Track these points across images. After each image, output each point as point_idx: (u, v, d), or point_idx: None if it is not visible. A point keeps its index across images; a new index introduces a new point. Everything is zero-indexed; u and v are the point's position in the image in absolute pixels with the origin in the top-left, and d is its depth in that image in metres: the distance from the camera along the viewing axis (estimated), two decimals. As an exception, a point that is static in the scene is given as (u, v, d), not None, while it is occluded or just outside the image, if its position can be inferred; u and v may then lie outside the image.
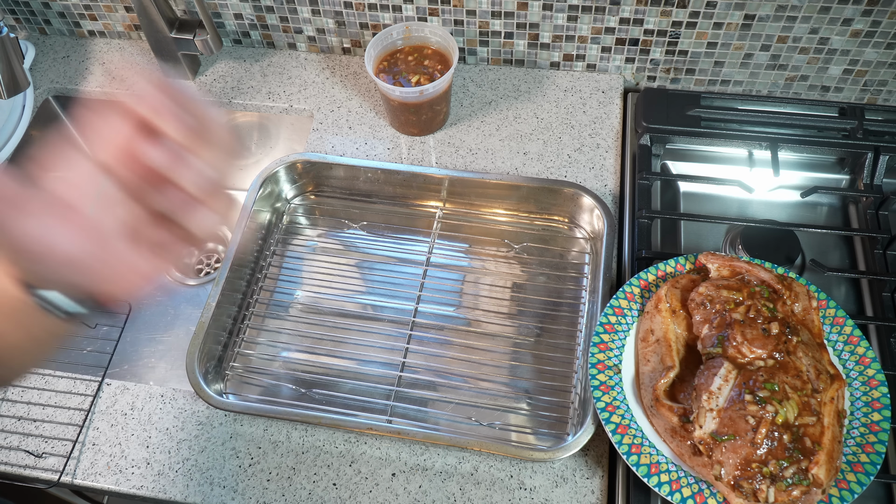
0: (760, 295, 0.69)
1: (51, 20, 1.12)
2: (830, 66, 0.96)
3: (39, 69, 1.10)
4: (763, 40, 0.94)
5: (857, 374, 0.70)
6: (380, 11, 1.00)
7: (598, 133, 0.98)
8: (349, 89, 1.05)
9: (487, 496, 0.73)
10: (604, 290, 0.81)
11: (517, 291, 0.92)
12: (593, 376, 0.71)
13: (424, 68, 0.94)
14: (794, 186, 0.91)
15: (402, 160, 0.96)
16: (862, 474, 0.64)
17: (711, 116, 0.95)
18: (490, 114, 1.00)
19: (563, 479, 0.73)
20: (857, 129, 0.92)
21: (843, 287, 0.84)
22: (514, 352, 0.87)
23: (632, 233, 0.86)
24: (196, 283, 1.09)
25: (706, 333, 0.68)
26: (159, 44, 1.02)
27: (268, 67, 1.08)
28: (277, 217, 0.98)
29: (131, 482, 0.75)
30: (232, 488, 0.74)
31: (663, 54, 0.99)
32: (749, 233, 0.83)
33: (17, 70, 0.88)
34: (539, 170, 0.94)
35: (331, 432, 0.77)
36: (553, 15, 0.96)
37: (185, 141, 0.41)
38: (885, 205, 0.87)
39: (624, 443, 0.67)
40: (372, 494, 0.73)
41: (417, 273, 0.92)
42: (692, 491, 0.64)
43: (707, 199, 0.92)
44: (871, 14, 0.88)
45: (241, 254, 0.89)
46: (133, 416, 0.80)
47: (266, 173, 0.93)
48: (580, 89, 1.02)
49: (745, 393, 0.62)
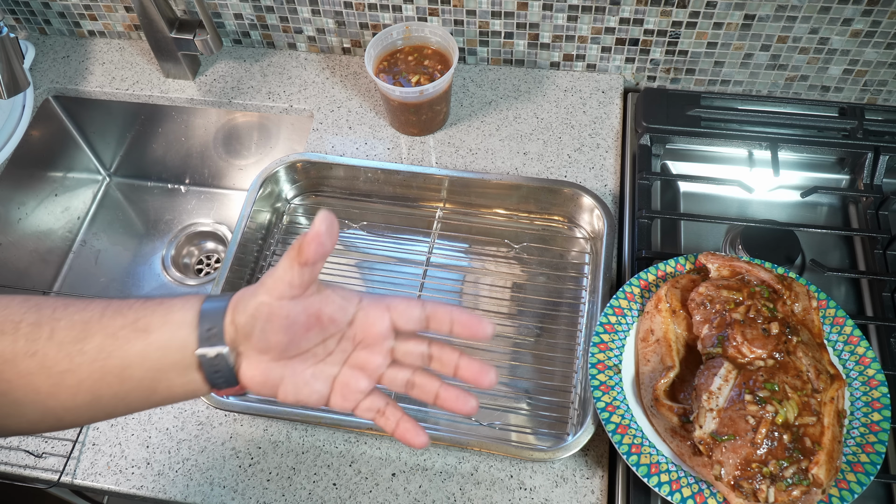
0: (760, 295, 0.69)
1: (51, 20, 1.12)
2: (830, 66, 0.96)
3: (39, 69, 1.10)
4: (763, 40, 0.94)
5: (857, 374, 0.70)
6: (380, 11, 1.00)
7: (598, 133, 0.98)
8: (349, 89, 1.05)
9: (487, 496, 0.73)
10: (604, 290, 0.81)
11: (517, 291, 0.92)
12: (593, 376, 0.71)
13: (424, 68, 0.94)
14: (794, 186, 0.91)
15: (402, 160, 0.96)
16: (862, 474, 0.64)
17: (711, 116, 0.95)
18: (490, 114, 1.00)
19: (563, 479, 0.73)
20: (857, 129, 0.92)
21: (843, 287, 0.84)
22: (514, 352, 0.87)
23: (632, 233, 0.86)
24: (196, 283, 1.09)
25: (706, 333, 0.68)
26: (159, 44, 1.02)
27: (268, 67, 1.08)
28: (277, 217, 0.98)
29: (131, 482, 0.75)
30: (232, 488, 0.74)
31: (663, 54, 0.99)
32: (749, 233, 0.83)
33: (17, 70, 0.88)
34: (539, 170, 0.94)
35: (331, 432, 0.77)
36: (553, 15, 0.96)
37: None
38: (885, 205, 0.87)
39: (624, 443, 0.67)
40: (372, 494, 0.73)
41: (417, 273, 0.92)
42: (692, 491, 0.64)
43: (707, 199, 0.92)
44: (871, 14, 0.88)
45: (241, 254, 0.89)
46: (133, 416, 0.80)
47: (266, 173, 0.93)
48: (580, 89, 1.02)
49: (745, 393, 0.62)
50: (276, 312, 0.45)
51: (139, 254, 1.12)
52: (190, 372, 0.47)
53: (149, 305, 0.47)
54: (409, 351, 0.50)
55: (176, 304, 0.47)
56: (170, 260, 1.11)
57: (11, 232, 1.06)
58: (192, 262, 1.12)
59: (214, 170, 1.15)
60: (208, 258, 1.13)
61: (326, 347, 0.48)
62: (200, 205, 1.16)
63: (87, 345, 0.45)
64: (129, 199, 1.19)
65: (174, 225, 1.15)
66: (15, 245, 1.06)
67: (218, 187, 1.17)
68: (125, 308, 0.47)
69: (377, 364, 0.49)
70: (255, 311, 0.46)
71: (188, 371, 0.47)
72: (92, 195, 1.18)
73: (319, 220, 0.43)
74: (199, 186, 1.17)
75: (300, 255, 0.44)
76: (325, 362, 0.48)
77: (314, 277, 0.46)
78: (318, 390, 0.48)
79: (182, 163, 1.15)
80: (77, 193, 1.16)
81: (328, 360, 0.48)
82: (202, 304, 0.48)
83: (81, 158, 1.16)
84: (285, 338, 0.46)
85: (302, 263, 0.44)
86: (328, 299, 0.47)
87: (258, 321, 0.46)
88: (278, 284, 0.45)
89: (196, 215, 1.15)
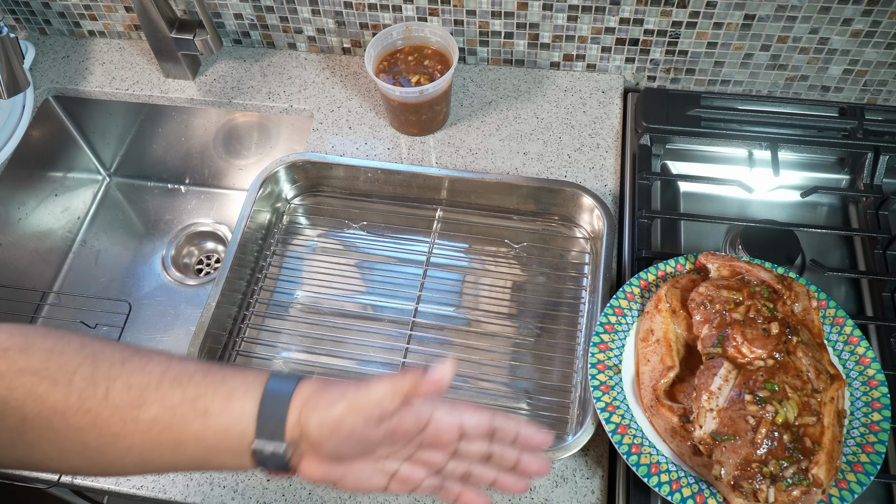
0: (760, 295, 0.69)
1: (51, 20, 1.12)
2: (830, 66, 0.96)
3: (39, 69, 1.10)
4: (763, 40, 0.94)
5: (857, 374, 0.70)
6: (380, 11, 1.00)
7: (598, 133, 0.98)
8: (349, 89, 1.05)
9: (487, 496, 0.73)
10: (604, 290, 0.81)
11: (517, 291, 0.92)
12: (593, 376, 0.71)
13: (424, 68, 0.94)
14: (794, 186, 0.91)
15: (402, 160, 0.96)
16: (862, 474, 0.64)
17: (711, 116, 0.95)
18: (490, 114, 1.00)
19: (563, 479, 0.73)
20: (857, 129, 0.92)
21: (843, 287, 0.84)
22: (514, 352, 0.87)
23: (632, 233, 0.86)
24: (196, 283, 1.09)
25: (706, 333, 0.68)
26: (159, 44, 1.02)
27: (268, 67, 1.08)
28: (277, 217, 0.98)
29: (131, 482, 0.75)
30: (232, 488, 0.74)
31: (663, 54, 0.99)
32: (749, 233, 0.83)
33: (17, 70, 0.88)
34: (539, 170, 0.94)
35: (331, 432, 0.77)
36: (553, 15, 0.96)
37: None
38: (885, 205, 0.87)
39: (624, 443, 0.67)
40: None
41: (417, 273, 0.92)
42: (692, 491, 0.64)
43: (707, 199, 0.92)
44: (871, 14, 0.88)
45: (241, 254, 0.89)
46: (133, 416, 0.80)
47: (266, 173, 0.93)
48: (580, 89, 1.02)
49: (745, 393, 0.62)
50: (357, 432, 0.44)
51: (139, 254, 1.12)
52: (243, 457, 0.47)
53: (209, 382, 0.46)
54: (473, 450, 0.50)
55: (238, 388, 0.46)
56: (170, 260, 1.11)
57: (11, 232, 1.06)
58: (192, 262, 1.12)
59: (214, 170, 1.15)
60: (208, 258, 1.13)
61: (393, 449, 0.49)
62: (200, 205, 1.16)
63: (143, 414, 0.45)
64: (129, 199, 1.19)
65: (174, 225, 1.15)
66: (15, 245, 1.06)
67: (218, 187, 1.17)
68: (185, 379, 0.46)
69: (438, 461, 0.50)
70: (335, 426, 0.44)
71: (242, 456, 0.47)
72: (92, 195, 1.18)
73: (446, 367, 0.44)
74: (199, 186, 1.17)
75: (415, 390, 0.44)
76: (388, 460, 0.49)
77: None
78: (376, 484, 0.49)
79: (182, 163, 1.15)
80: (77, 193, 1.16)
81: (391, 459, 0.49)
82: (264, 388, 0.46)
83: (81, 158, 1.16)
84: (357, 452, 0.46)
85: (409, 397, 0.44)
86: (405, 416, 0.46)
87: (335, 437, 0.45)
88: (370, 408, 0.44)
89: (196, 215, 1.15)
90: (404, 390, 0.44)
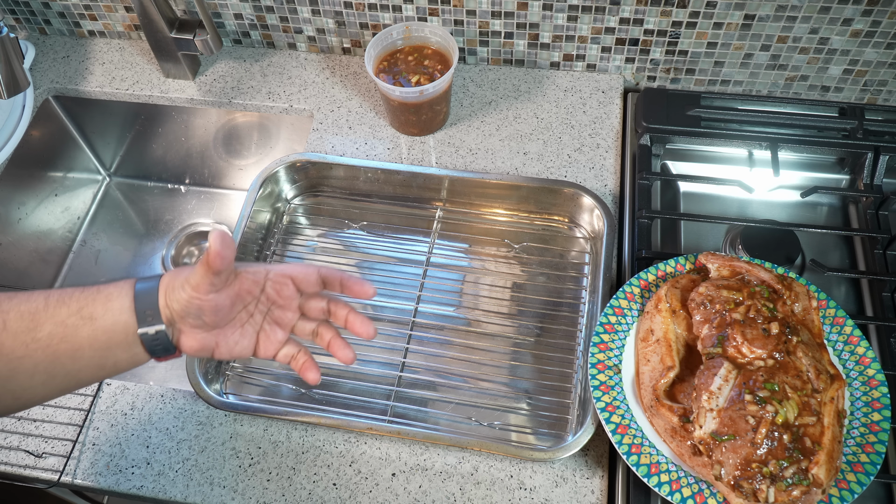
0: (760, 295, 0.69)
1: (51, 20, 1.12)
2: (830, 66, 0.96)
3: (39, 69, 1.10)
4: (763, 40, 0.94)
5: (857, 374, 0.70)
6: (380, 11, 1.00)
7: (598, 133, 0.98)
8: (349, 89, 1.05)
9: (487, 496, 0.73)
10: (604, 290, 0.81)
11: (517, 291, 0.92)
12: (593, 376, 0.71)
13: (424, 68, 0.94)
14: (794, 186, 0.91)
15: (402, 160, 0.96)
16: (862, 474, 0.64)
17: (711, 116, 0.95)
18: (490, 114, 1.00)
19: (563, 479, 0.73)
20: (857, 129, 0.92)
21: (843, 287, 0.84)
22: (514, 352, 0.87)
23: (632, 233, 0.86)
24: (196, 283, 1.08)
25: (706, 333, 0.68)
26: (159, 44, 1.02)
27: (268, 67, 1.08)
28: (277, 217, 0.98)
29: (131, 482, 0.75)
30: (232, 488, 0.74)
31: (663, 54, 0.99)
32: (749, 233, 0.83)
33: (17, 70, 0.88)
34: (539, 170, 0.94)
35: (331, 432, 0.77)
36: (553, 15, 0.96)
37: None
38: (885, 205, 0.87)
39: (624, 443, 0.67)
40: (372, 494, 0.73)
41: (417, 273, 0.92)
42: (692, 491, 0.64)
43: (707, 199, 0.92)
44: (871, 14, 0.88)
45: (241, 254, 0.89)
46: (133, 416, 0.80)
47: (266, 173, 0.93)
48: (580, 89, 1.02)
49: (745, 393, 0.62)
50: (204, 305, 0.55)
51: (139, 254, 1.12)
52: (133, 347, 0.56)
53: (88, 294, 0.55)
54: (313, 306, 0.63)
55: (113, 292, 0.55)
56: (170, 260, 1.11)
57: (11, 232, 1.06)
58: (192, 262, 1.12)
59: (214, 170, 1.15)
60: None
61: (248, 311, 0.60)
62: (200, 205, 1.16)
63: (39, 333, 0.53)
64: (129, 199, 1.19)
65: (174, 225, 1.15)
66: (15, 245, 1.06)
67: (218, 187, 1.17)
68: (66, 297, 0.54)
69: (289, 318, 0.62)
70: (187, 304, 0.55)
71: (131, 346, 0.56)
72: (92, 195, 1.18)
73: (213, 238, 0.52)
74: (199, 186, 1.17)
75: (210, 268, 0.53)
76: (249, 323, 0.60)
77: (228, 275, 0.55)
78: (245, 346, 0.60)
79: (182, 163, 1.15)
80: (77, 193, 1.16)
81: (251, 321, 0.60)
82: (134, 288, 0.56)
83: (81, 158, 1.16)
84: (215, 317, 0.56)
85: (214, 273, 0.53)
86: (243, 279, 0.58)
87: (191, 310, 0.55)
88: (202, 285, 0.54)
89: (196, 215, 1.15)
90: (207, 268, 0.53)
